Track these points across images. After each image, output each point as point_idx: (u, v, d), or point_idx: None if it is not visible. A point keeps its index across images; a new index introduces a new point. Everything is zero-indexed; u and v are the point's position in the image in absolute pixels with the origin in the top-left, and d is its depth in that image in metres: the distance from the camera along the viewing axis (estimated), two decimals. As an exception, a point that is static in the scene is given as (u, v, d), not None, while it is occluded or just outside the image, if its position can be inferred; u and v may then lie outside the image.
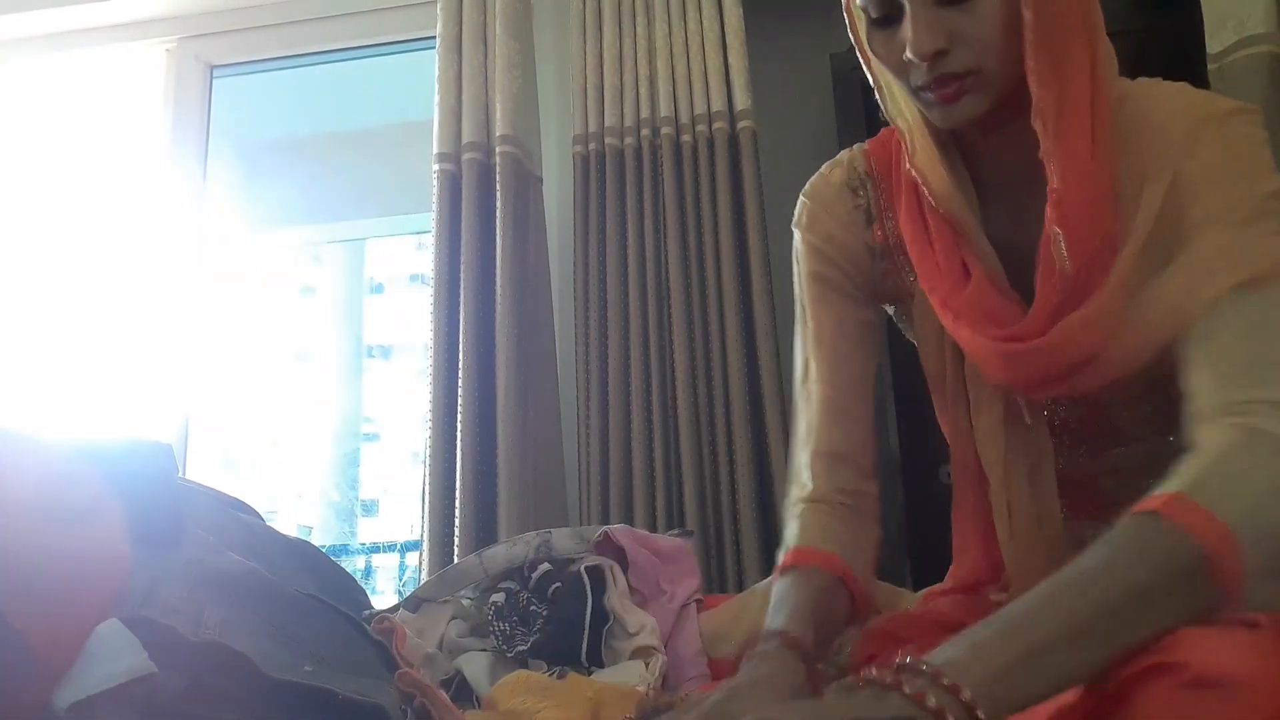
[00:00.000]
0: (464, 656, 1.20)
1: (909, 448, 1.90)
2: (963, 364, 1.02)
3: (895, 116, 1.00)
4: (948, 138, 0.98)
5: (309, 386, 3.90)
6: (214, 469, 2.93)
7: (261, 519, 1.16)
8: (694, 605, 1.30)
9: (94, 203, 2.72)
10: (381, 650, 1.01)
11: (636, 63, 2.17)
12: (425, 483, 2.04)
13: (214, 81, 2.69)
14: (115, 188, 2.69)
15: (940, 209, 0.97)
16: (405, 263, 4.21)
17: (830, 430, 1.04)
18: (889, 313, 1.14)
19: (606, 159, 2.14)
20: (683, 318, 2.03)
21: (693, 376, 2.02)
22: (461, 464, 2.00)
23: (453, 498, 2.00)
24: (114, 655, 0.75)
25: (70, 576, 0.79)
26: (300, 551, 1.13)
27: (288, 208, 3.24)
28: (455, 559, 1.91)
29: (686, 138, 2.12)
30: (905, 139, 1.00)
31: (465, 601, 1.30)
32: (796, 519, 1.02)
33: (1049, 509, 0.99)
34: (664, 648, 1.20)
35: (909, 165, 1.00)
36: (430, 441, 2.05)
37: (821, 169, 1.12)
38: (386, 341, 4.13)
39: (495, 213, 2.12)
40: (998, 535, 1.02)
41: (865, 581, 0.99)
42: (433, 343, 2.10)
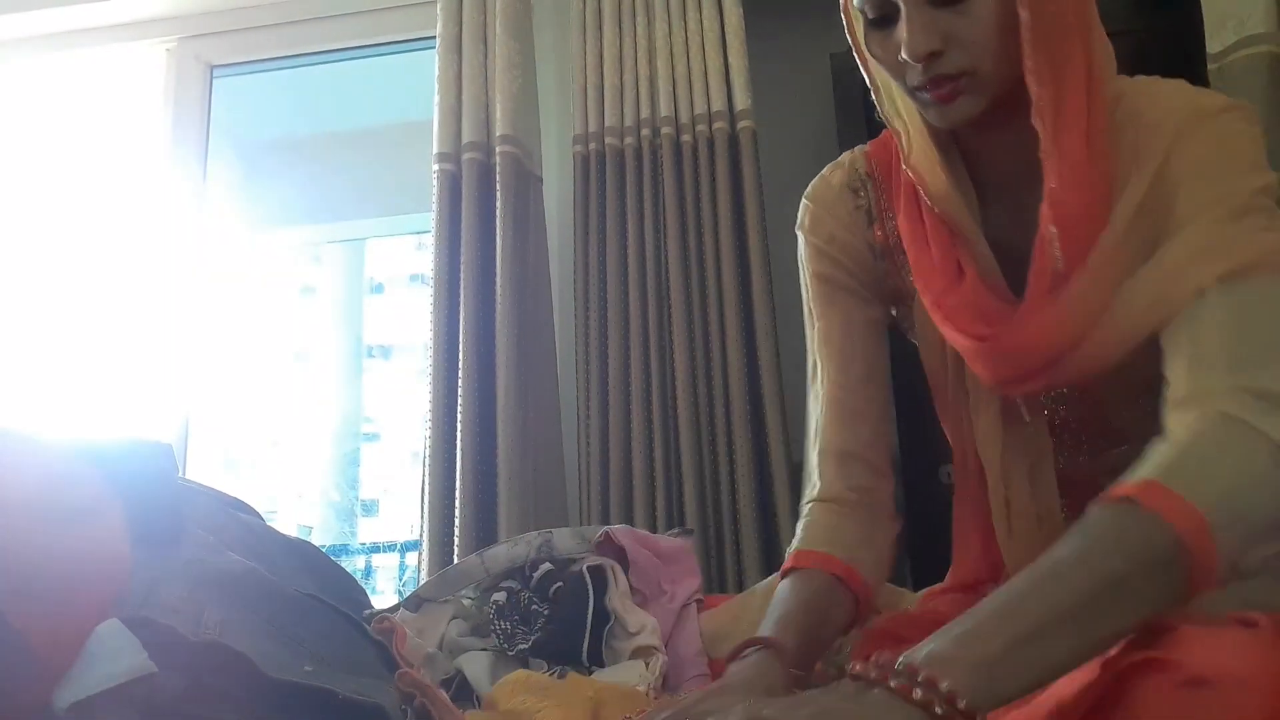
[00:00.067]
0: (464, 656, 1.20)
1: (909, 448, 1.90)
2: (963, 363, 1.02)
3: (891, 117, 1.00)
4: (947, 138, 0.98)
5: (309, 386, 3.90)
6: (214, 469, 2.93)
7: (261, 519, 1.16)
8: (694, 605, 1.30)
9: (94, 203, 2.72)
10: (382, 650, 1.01)
11: (636, 63, 2.17)
12: (425, 483, 2.04)
13: (214, 81, 2.69)
14: (115, 188, 2.69)
15: (937, 209, 0.98)
16: (405, 263, 4.21)
17: (839, 429, 1.05)
18: (891, 314, 1.14)
19: (606, 159, 2.14)
20: (683, 318, 2.03)
21: (693, 376, 2.02)
22: (461, 464, 2.00)
23: (453, 498, 2.00)
24: (114, 655, 0.75)
25: (70, 576, 0.79)
26: (300, 551, 1.13)
27: (288, 208, 3.24)
28: (455, 559, 1.91)
29: (686, 138, 2.12)
30: (901, 139, 1.00)
31: (466, 601, 1.30)
32: (803, 520, 1.03)
33: (1049, 508, 0.99)
34: (664, 648, 1.21)
35: (905, 166, 1.00)
36: (430, 441, 2.05)
37: (823, 171, 1.12)
38: (386, 341, 4.13)
39: (495, 213, 2.12)
40: (997, 534, 1.02)
41: (871, 579, 0.99)
42: (433, 343, 2.10)
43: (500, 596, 1.26)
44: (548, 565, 1.28)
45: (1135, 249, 0.87)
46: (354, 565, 3.31)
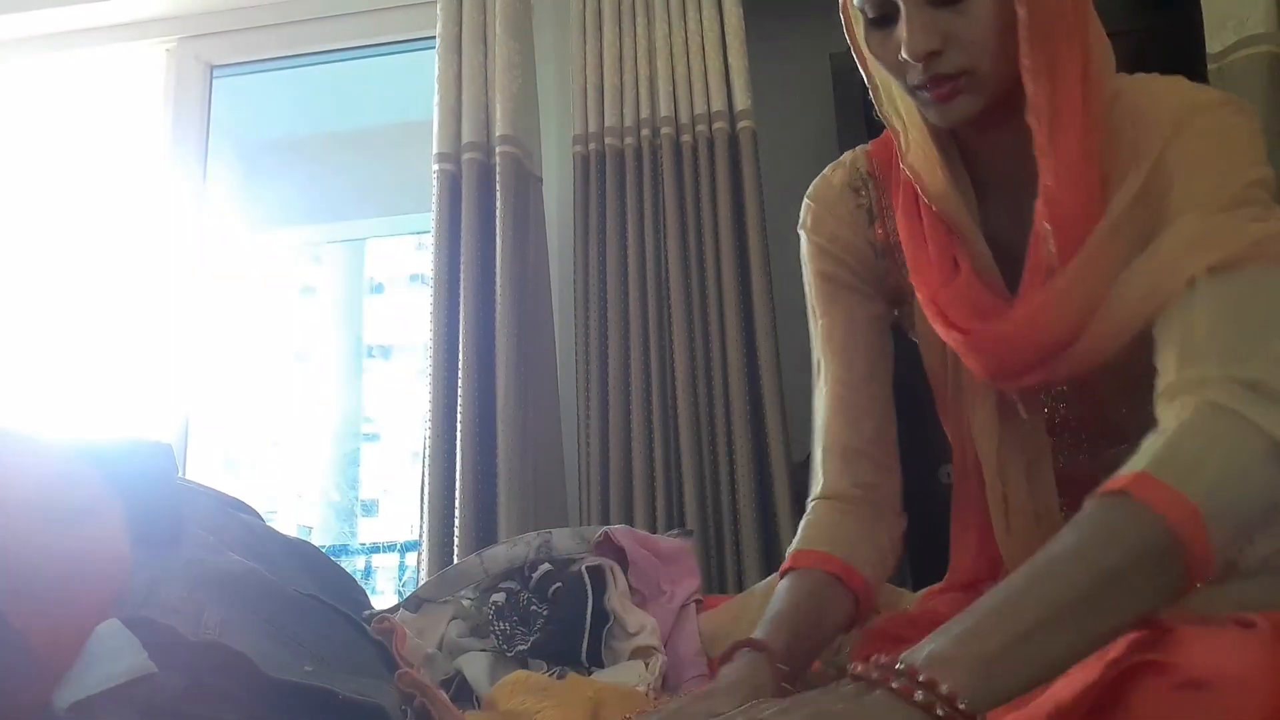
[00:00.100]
0: (464, 657, 1.20)
1: (909, 448, 1.90)
2: (961, 360, 1.03)
3: (890, 115, 1.01)
4: (947, 137, 0.98)
5: (309, 386, 3.90)
6: (214, 469, 2.93)
7: (261, 519, 1.16)
8: (693, 605, 1.30)
9: (94, 203, 2.72)
10: (381, 650, 1.01)
11: (636, 63, 2.17)
12: (425, 483, 2.04)
13: (214, 81, 2.69)
14: (115, 188, 2.69)
15: (934, 207, 0.98)
16: (405, 263, 4.21)
17: (843, 426, 1.05)
18: (894, 313, 1.15)
19: (606, 159, 2.14)
20: (683, 318, 2.03)
21: (693, 376, 2.02)
22: (461, 464, 2.00)
23: (452, 498, 2.00)
24: (114, 655, 0.75)
25: (70, 576, 0.79)
26: (300, 551, 1.13)
27: (288, 208, 3.24)
28: (455, 559, 1.91)
29: (686, 138, 2.12)
30: (900, 138, 1.01)
31: (465, 602, 1.30)
32: (805, 518, 1.04)
33: (1046, 505, 1.00)
34: (664, 648, 1.20)
35: (902, 164, 1.00)
36: (430, 441, 2.05)
37: (824, 171, 1.13)
38: (386, 341, 4.13)
39: (495, 213, 2.12)
40: (995, 532, 1.03)
41: (871, 575, 1.00)
42: (432, 343, 2.10)
43: (499, 597, 1.26)
44: (547, 566, 1.28)
45: (1130, 242, 0.88)
46: (354, 565, 3.31)
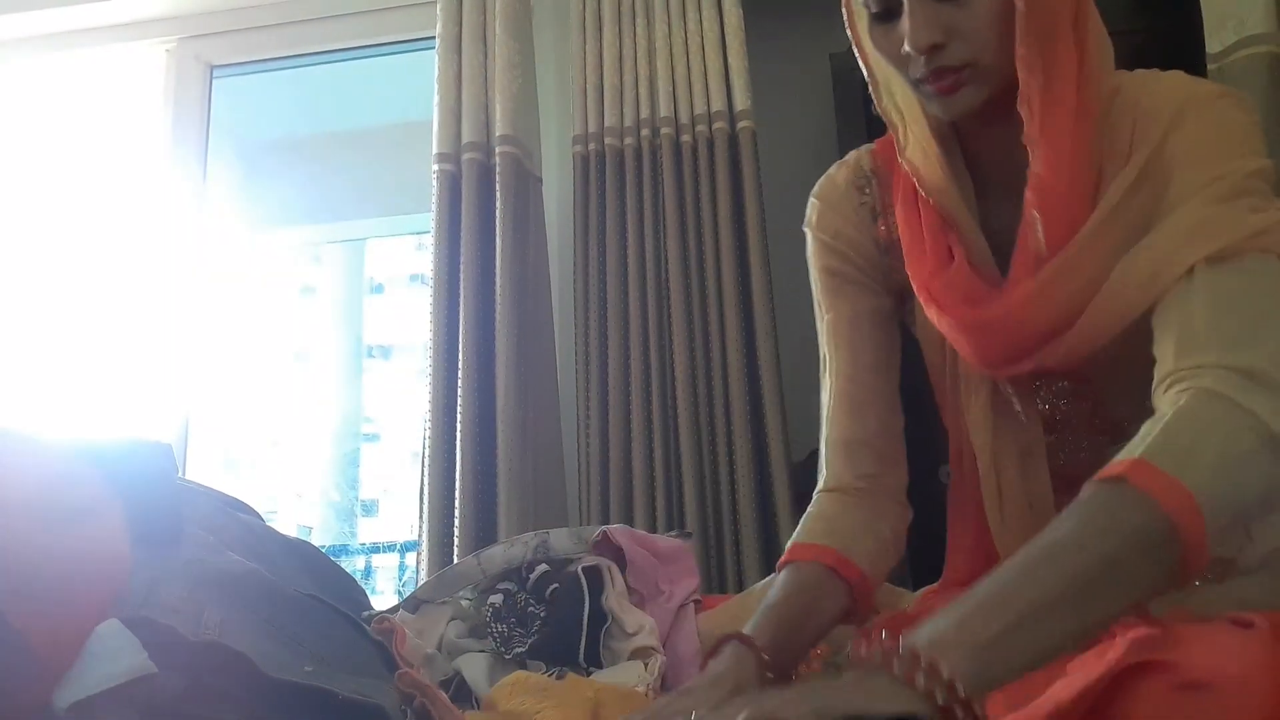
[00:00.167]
0: (463, 657, 1.20)
1: (909, 448, 1.90)
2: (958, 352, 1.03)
3: (889, 110, 1.01)
4: (949, 130, 0.99)
5: (309, 386, 3.90)
6: (214, 469, 2.93)
7: (261, 519, 1.16)
8: (692, 605, 1.30)
9: (94, 203, 2.72)
10: (381, 650, 1.01)
11: (636, 63, 2.17)
12: (425, 483, 2.04)
13: (214, 81, 2.69)
14: (115, 188, 2.69)
15: (932, 200, 0.99)
16: (405, 263, 4.21)
17: (847, 419, 1.06)
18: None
19: (606, 159, 2.14)
20: (683, 318, 2.03)
21: (693, 376, 2.02)
22: (461, 464, 2.00)
23: (452, 498, 2.00)
24: (114, 655, 0.75)
25: (70, 576, 0.79)
26: (300, 551, 1.13)
27: (288, 208, 3.24)
28: (455, 559, 1.91)
29: (686, 138, 2.12)
30: (898, 132, 1.01)
31: (464, 603, 1.30)
32: (808, 510, 1.05)
33: (1040, 495, 1.00)
34: (662, 648, 1.20)
35: (900, 158, 1.01)
36: (430, 441, 2.05)
37: (829, 170, 1.14)
38: (386, 341, 4.13)
39: (495, 213, 2.12)
40: (990, 523, 1.03)
41: (870, 566, 1.00)
42: (432, 343, 2.10)
43: (497, 599, 1.26)
44: (544, 566, 1.28)
45: (1126, 232, 0.88)
46: (354, 565, 3.31)
